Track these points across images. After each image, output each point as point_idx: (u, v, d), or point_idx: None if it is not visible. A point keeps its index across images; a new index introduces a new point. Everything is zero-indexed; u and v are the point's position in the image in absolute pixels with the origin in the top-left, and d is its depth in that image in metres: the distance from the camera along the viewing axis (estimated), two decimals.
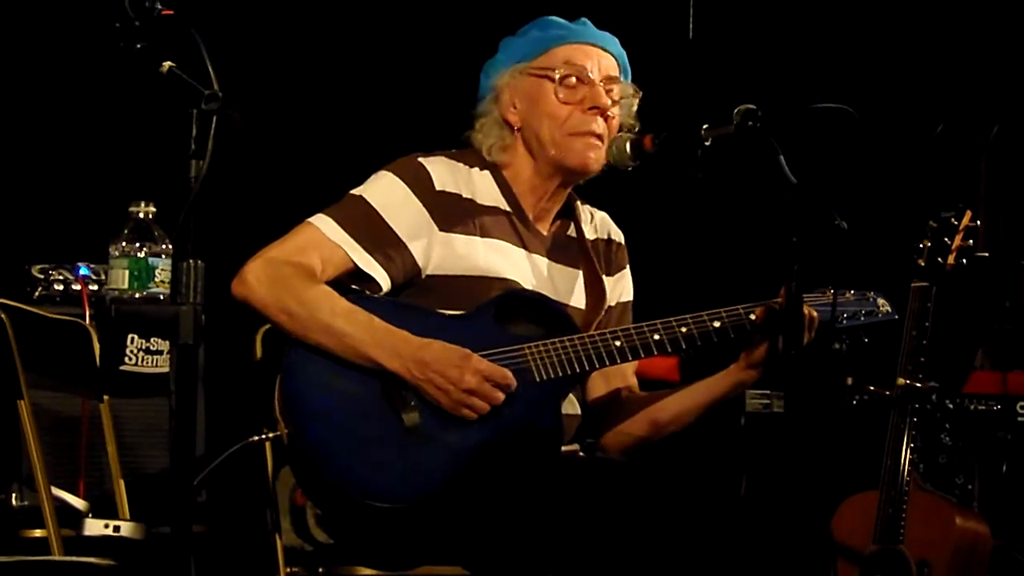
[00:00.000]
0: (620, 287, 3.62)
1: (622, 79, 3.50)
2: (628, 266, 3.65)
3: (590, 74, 3.43)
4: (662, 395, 3.52)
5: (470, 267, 3.35)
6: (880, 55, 5.78)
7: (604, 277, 3.55)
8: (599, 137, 3.41)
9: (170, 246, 4.36)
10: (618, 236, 3.65)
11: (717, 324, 3.31)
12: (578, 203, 3.57)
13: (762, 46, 5.80)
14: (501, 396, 3.17)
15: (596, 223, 3.62)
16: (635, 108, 3.50)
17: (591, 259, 3.53)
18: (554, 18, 3.51)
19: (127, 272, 4.38)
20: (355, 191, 3.36)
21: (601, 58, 3.47)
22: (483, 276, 3.35)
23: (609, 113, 3.43)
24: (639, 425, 3.52)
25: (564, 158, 3.42)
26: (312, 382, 3.18)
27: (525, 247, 3.44)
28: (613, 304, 3.59)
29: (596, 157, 3.42)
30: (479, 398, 3.16)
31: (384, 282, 3.29)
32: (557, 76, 3.43)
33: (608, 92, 3.44)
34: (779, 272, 3.01)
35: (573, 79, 3.43)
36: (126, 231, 4.44)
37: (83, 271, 4.47)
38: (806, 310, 3.23)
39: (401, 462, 3.14)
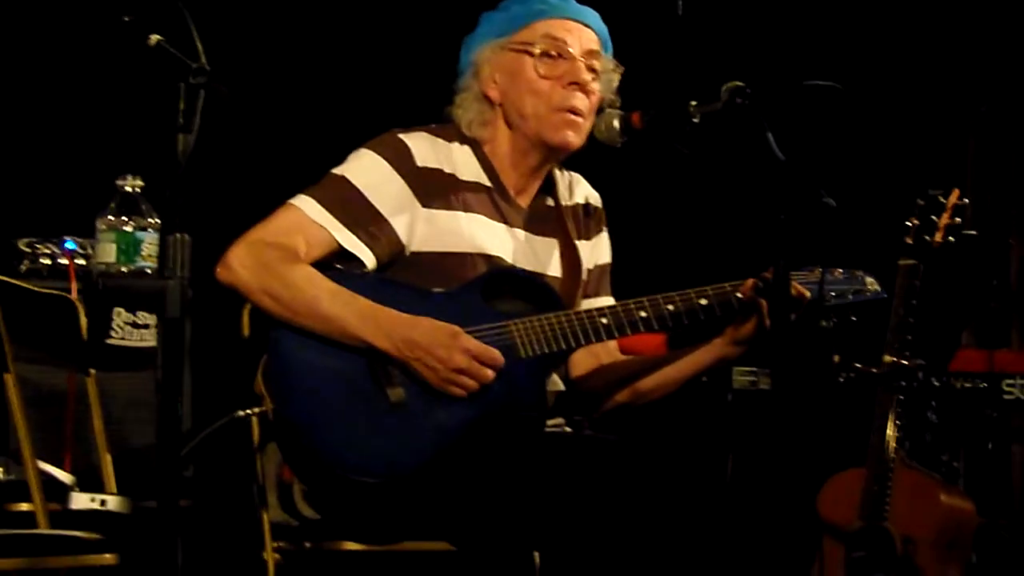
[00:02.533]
0: (598, 250, 3.62)
1: (603, 53, 3.49)
2: (606, 228, 3.65)
3: (570, 49, 3.42)
4: (645, 363, 3.53)
5: (454, 243, 3.35)
6: (869, 33, 5.77)
7: (581, 242, 3.55)
8: (579, 113, 3.41)
9: (157, 220, 4.35)
10: (595, 200, 3.64)
11: (704, 301, 3.31)
12: (556, 171, 3.56)
13: (751, 23, 5.79)
14: (490, 374, 3.17)
15: (573, 187, 3.61)
16: (616, 83, 3.50)
17: (566, 228, 3.53)
18: None
19: (114, 246, 4.38)
20: (336, 170, 3.35)
21: (582, 33, 3.46)
22: (467, 252, 3.35)
23: (589, 88, 3.42)
24: (621, 391, 3.54)
25: (544, 133, 3.42)
26: (298, 358, 3.18)
27: (506, 221, 3.44)
28: (591, 267, 3.59)
29: (576, 133, 3.42)
30: (468, 376, 3.16)
31: (369, 261, 3.29)
32: (537, 51, 3.42)
33: (589, 67, 3.43)
34: (767, 249, 3.01)
35: (553, 53, 3.42)
36: (113, 205, 4.43)
37: (70, 245, 4.46)
38: (795, 287, 3.24)
39: (386, 437, 3.14)
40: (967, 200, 4.29)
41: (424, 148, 3.38)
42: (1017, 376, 4.93)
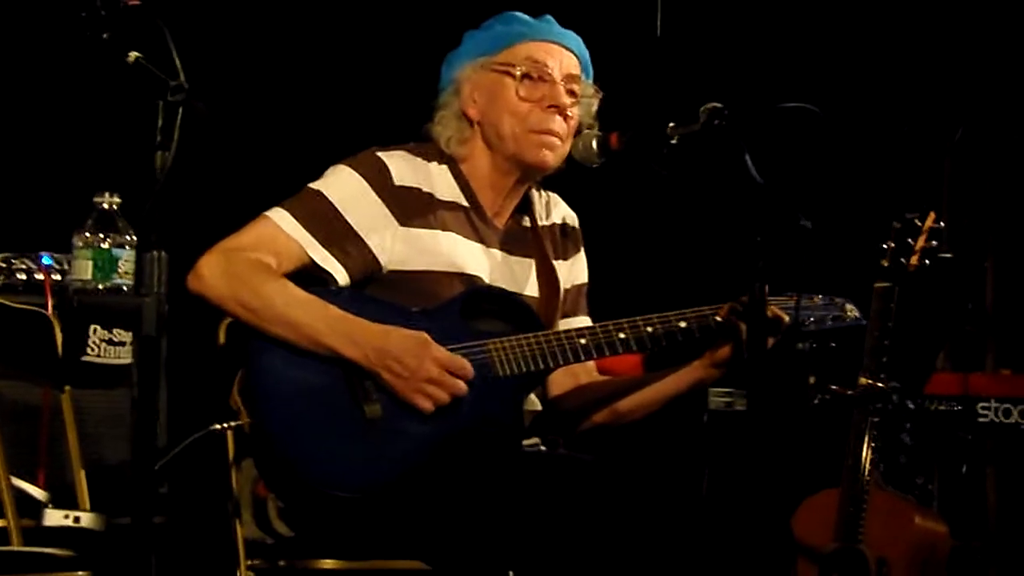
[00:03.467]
0: (575, 270, 3.63)
1: (583, 78, 3.50)
2: (583, 248, 3.66)
3: (551, 72, 3.43)
4: (623, 385, 3.54)
5: (431, 261, 3.35)
6: (847, 55, 5.79)
7: (559, 262, 3.56)
8: (557, 136, 3.42)
9: (134, 237, 4.34)
10: (572, 220, 3.65)
11: (683, 324, 3.31)
12: (533, 191, 3.57)
13: (730, 45, 5.81)
14: (461, 386, 3.17)
15: (550, 207, 3.62)
16: (595, 108, 3.51)
17: (543, 248, 3.54)
18: (518, 14, 3.51)
19: (91, 263, 4.36)
20: (313, 185, 3.35)
21: (563, 56, 3.47)
22: (444, 271, 3.35)
23: (568, 112, 3.43)
24: (599, 412, 3.55)
25: (522, 154, 3.43)
26: (275, 373, 3.18)
27: (482, 241, 3.45)
28: (568, 287, 3.59)
29: (554, 155, 3.43)
30: (436, 387, 3.16)
31: (341, 277, 3.29)
32: (518, 73, 3.43)
33: (569, 91, 3.45)
34: (744, 271, 3.02)
35: (534, 76, 3.43)
36: (90, 221, 4.42)
37: (47, 260, 4.44)
38: (773, 310, 3.24)
39: (362, 453, 3.14)
40: (943, 223, 4.31)
41: (402, 166, 3.38)
42: (992, 399, 4.94)
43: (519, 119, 3.42)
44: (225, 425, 3.26)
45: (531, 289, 3.50)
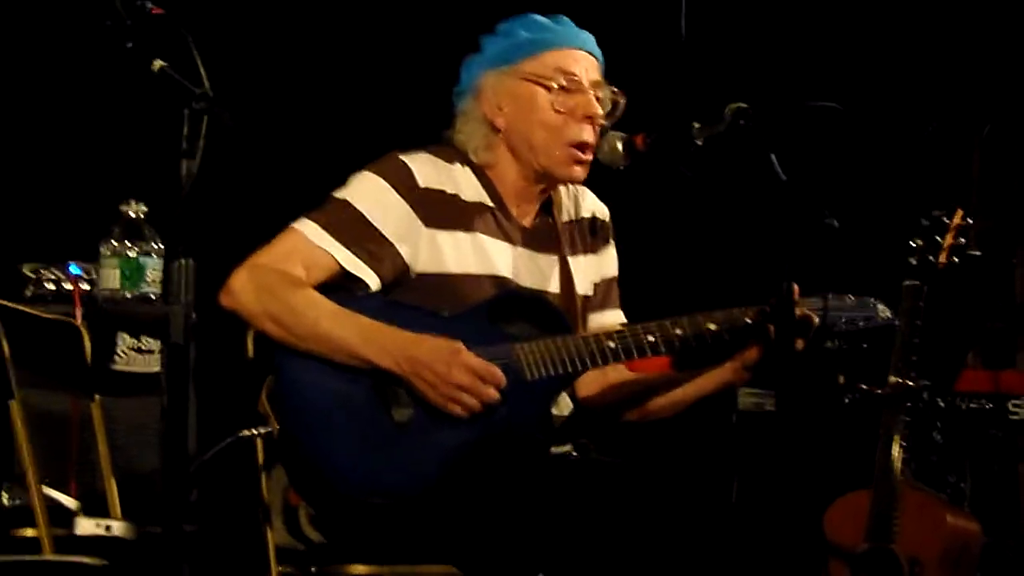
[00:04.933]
0: (605, 264, 3.62)
1: (604, 81, 3.49)
2: (612, 242, 3.64)
3: (582, 81, 3.43)
4: (652, 383, 3.53)
5: (458, 263, 3.35)
6: (872, 52, 5.78)
7: (585, 256, 3.55)
8: (589, 147, 3.41)
9: (161, 245, 4.35)
10: (602, 213, 3.63)
11: (712, 326, 3.30)
12: (559, 187, 3.56)
13: (754, 44, 5.79)
14: (493, 393, 3.17)
15: (579, 200, 3.60)
16: (621, 110, 3.48)
17: (561, 245, 3.52)
18: (538, 18, 3.48)
19: (118, 271, 4.37)
20: (338, 193, 3.35)
21: (588, 63, 3.46)
22: (472, 273, 3.35)
23: (598, 122, 3.43)
24: (628, 411, 3.56)
25: (553, 167, 3.42)
26: (303, 379, 3.19)
27: (509, 240, 3.44)
28: (598, 281, 3.58)
29: (584, 168, 3.43)
30: (469, 394, 3.16)
31: (373, 282, 3.29)
32: (554, 86, 3.41)
33: (596, 98, 3.44)
34: (772, 271, 3.01)
35: (568, 88, 3.42)
36: (117, 230, 4.43)
37: (75, 270, 4.45)
38: (803, 312, 3.23)
39: (392, 459, 3.15)
40: (971, 220, 4.29)
41: (426, 169, 3.38)
42: (1023, 397, 4.92)
43: (552, 132, 3.41)
44: (254, 431, 3.27)
45: (554, 286, 3.49)
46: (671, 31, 5.62)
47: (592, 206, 3.62)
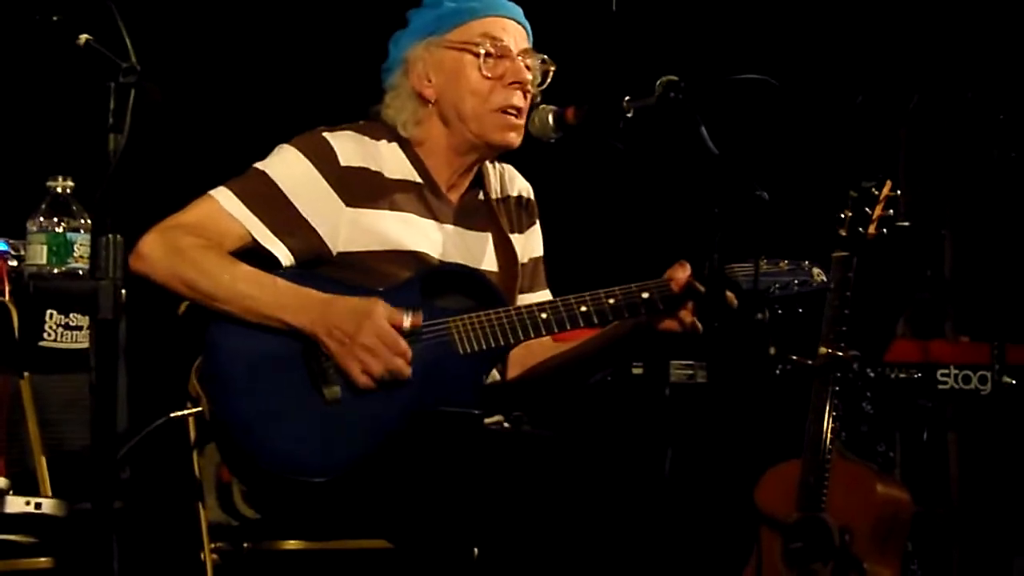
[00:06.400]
0: (531, 243, 3.62)
1: (532, 49, 3.48)
2: (538, 221, 3.64)
3: (510, 48, 3.42)
4: (577, 348, 3.53)
5: (381, 241, 3.33)
6: (801, 25, 5.80)
7: (514, 235, 3.55)
8: (519, 111, 3.41)
9: (89, 221, 4.31)
10: (527, 192, 3.64)
11: (646, 295, 3.30)
12: (487, 164, 3.55)
13: (684, 17, 5.80)
14: (398, 363, 3.14)
15: (505, 179, 3.60)
16: (550, 78, 3.48)
17: (498, 221, 3.53)
18: None
19: (45, 247, 4.32)
20: (258, 165, 3.33)
21: (516, 30, 3.46)
22: (394, 250, 3.34)
23: (528, 88, 3.42)
24: (557, 380, 3.56)
25: (486, 134, 3.41)
26: (233, 359, 3.17)
27: (436, 218, 3.43)
28: (525, 261, 3.59)
29: (518, 133, 3.42)
30: (372, 356, 3.13)
31: (285, 258, 3.27)
32: (482, 51, 3.41)
33: (525, 65, 3.43)
34: (702, 243, 3.02)
35: (495, 54, 3.42)
36: (44, 206, 4.38)
37: (2, 246, 4.41)
38: (729, 297, 3.23)
39: (323, 435, 3.14)
40: (900, 192, 4.32)
41: (349, 147, 3.36)
42: (951, 366, 4.97)
43: (482, 98, 3.41)
44: (184, 412, 3.25)
45: (489, 263, 3.49)
46: (602, 3, 5.62)
47: (519, 185, 3.62)
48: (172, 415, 3.25)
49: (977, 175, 5.61)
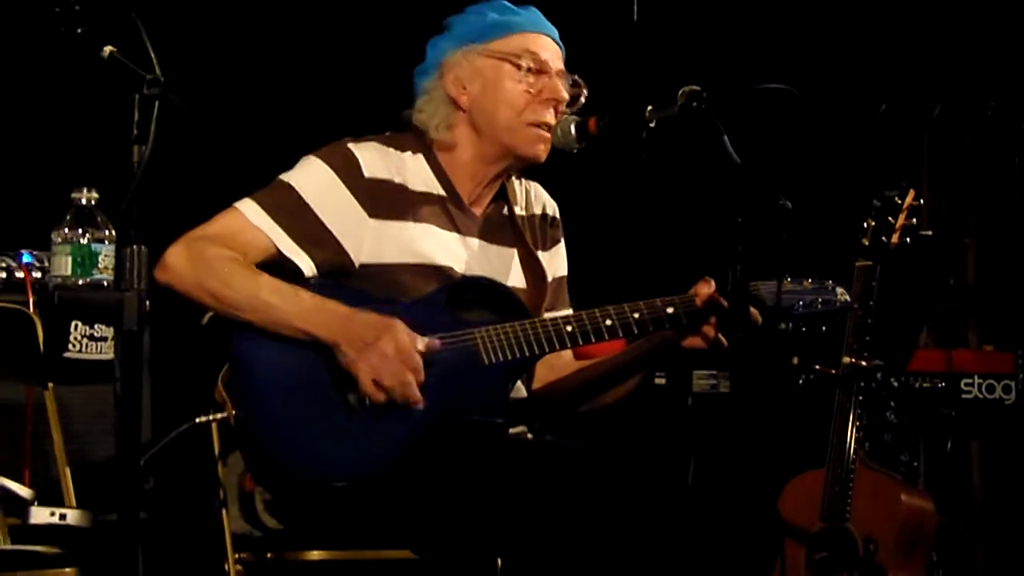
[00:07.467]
0: (556, 261, 3.62)
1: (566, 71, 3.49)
2: (563, 240, 3.65)
3: (550, 66, 3.43)
4: (601, 366, 3.53)
5: (404, 254, 3.33)
6: (823, 35, 5.80)
7: (539, 253, 3.55)
8: (551, 128, 3.41)
9: (113, 232, 4.33)
10: (553, 210, 3.64)
11: (670, 310, 3.30)
12: (512, 179, 3.56)
13: (706, 28, 5.80)
14: (410, 380, 3.14)
15: (531, 197, 3.60)
16: (582, 100, 3.49)
17: (524, 238, 3.53)
18: (506, 3, 3.49)
19: (70, 259, 4.34)
20: (283, 176, 3.33)
21: (554, 51, 3.47)
22: (416, 263, 3.34)
23: (560, 107, 3.43)
24: (580, 399, 3.55)
25: (516, 146, 3.42)
26: (260, 365, 3.18)
27: (459, 231, 3.43)
28: (550, 280, 3.58)
29: (546, 148, 3.43)
30: (385, 366, 3.13)
31: (308, 268, 3.27)
32: (523, 64, 3.41)
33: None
34: (725, 253, 3.02)
35: (535, 69, 3.42)
36: (68, 217, 4.40)
37: (26, 258, 4.42)
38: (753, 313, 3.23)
39: (348, 443, 3.14)
40: (922, 201, 4.32)
41: (373, 159, 3.36)
42: (975, 375, 4.96)
43: (516, 110, 3.41)
44: (209, 417, 3.26)
45: (515, 279, 3.49)
46: (624, 14, 5.62)
47: (544, 202, 3.62)
48: (197, 420, 3.25)
49: (1000, 184, 5.60)
